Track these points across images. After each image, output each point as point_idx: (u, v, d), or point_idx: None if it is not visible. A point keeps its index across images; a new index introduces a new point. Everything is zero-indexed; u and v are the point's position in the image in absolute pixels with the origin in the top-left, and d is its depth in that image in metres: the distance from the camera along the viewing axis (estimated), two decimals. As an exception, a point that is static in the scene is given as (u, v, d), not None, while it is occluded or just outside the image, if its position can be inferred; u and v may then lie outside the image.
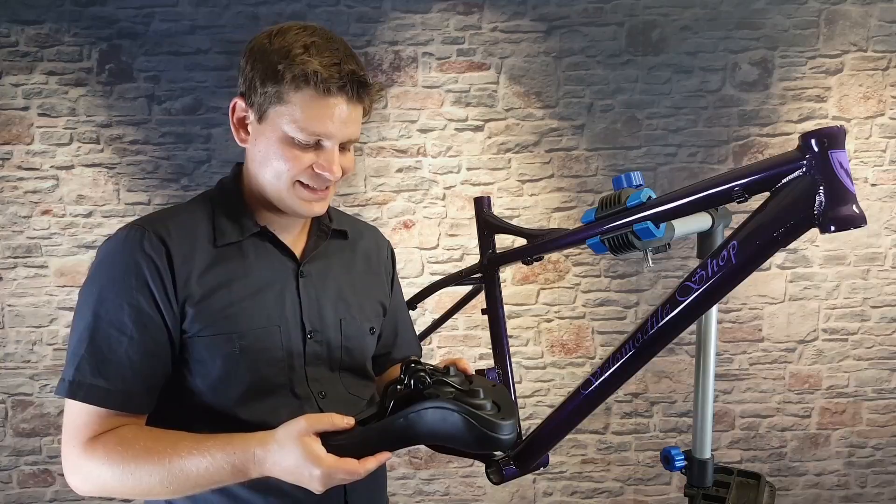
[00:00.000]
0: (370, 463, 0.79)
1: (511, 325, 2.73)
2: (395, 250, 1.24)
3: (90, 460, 0.85)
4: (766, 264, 2.71)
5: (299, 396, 0.94)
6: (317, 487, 0.79)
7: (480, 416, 0.75)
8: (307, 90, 0.85)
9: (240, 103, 0.92)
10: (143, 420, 0.91)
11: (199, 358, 0.90)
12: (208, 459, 0.82)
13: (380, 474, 1.09)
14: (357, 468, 0.78)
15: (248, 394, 0.91)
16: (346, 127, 0.89)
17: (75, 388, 0.86)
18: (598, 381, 0.83)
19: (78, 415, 0.87)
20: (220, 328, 0.90)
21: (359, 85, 0.88)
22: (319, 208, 0.96)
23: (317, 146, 0.89)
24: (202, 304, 0.89)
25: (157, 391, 0.91)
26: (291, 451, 0.78)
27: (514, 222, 2.59)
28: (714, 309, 0.91)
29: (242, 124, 0.94)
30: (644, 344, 0.77)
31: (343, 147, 0.92)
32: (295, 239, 1.02)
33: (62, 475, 2.78)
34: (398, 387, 0.82)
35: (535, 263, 1.08)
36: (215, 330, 0.89)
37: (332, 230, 1.06)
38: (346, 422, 0.81)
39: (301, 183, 0.92)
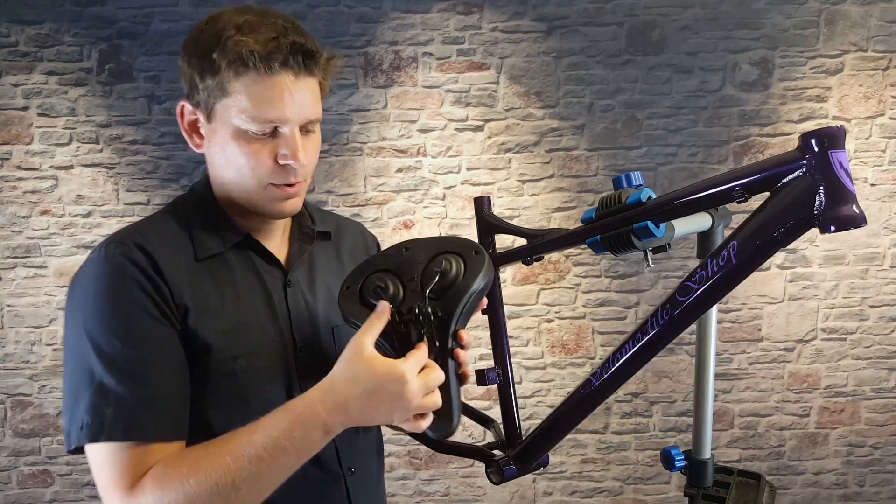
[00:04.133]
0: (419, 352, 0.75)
1: (511, 326, 2.73)
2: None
3: (146, 500, 0.73)
4: (765, 264, 2.71)
5: None
6: (412, 405, 0.72)
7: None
8: (248, 74, 0.77)
9: (187, 106, 0.85)
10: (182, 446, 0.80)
11: (199, 380, 0.82)
12: (271, 434, 0.73)
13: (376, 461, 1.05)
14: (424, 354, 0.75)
15: (249, 415, 0.80)
16: (301, 107, 0.81)
17: (113, 427, 0.74)
18: (598, 382, 0.83)
19: (115, 459, 0.74)
20: (218, 350, 0.82)
21: (304, 55, 0.79)
22: (293, 206, 0.88)
23: (275, 134, 0.81)
24: (197, 324, 0.82)
25: (188, 408, 0.82)
26: (362, 376, 0.72)
27: (514, 222, 2.59)
28: (714, 309, 0.91)
29: (194, 128, 0.86)
30: (644, 344, 0.77)
31: (305, 130, 0.84)
32: (278, 245, 0.94)
33: (61, 476, 2.77)
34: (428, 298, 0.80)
35: (535, 263, 1.08)
36: (214, 352, 0.82)
37: (317, 232, 0.99)
38: (384, 314, 0.77)
39: (273, 184, 0.84)
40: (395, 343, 0.79)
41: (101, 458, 0.75)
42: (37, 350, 2.73)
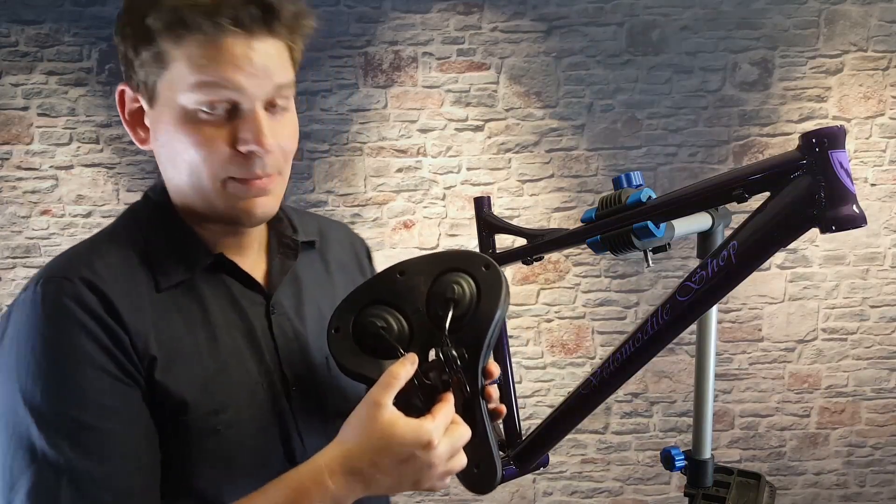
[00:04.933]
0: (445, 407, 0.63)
1: (511, 325, 2.73)
2: (395, 250, 1.21)
3: None
4: (765, 264, 2.71)
5: (297, 463, 0.72)
6: (437, 472, 0.63)
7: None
8: (191, 37, 0.61)
9: (127, 91, 0.69)
10: None
11: (175, 443, 0.68)
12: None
13: None
14: (458, 424, 0.64)
15: (241, 477, 0.69)
16: (263, 75, 0.63)
17: None
18: (598, 381, 0.83)
19: None
20: (196, 406, 0.67)
21: (263, 8, 0.62)
22: (264, 208, 0.70)
23: (232, 115, 0.64)
24: (167, 377, 0.66)
25: (158, 485, 0.66)
26: (384, 443, 0.61)
27: (514, 222, 2.59)
28: (714, 309, 0.91)
29: (138, 119, 0.70)
30: (644, 344, 0.77)
31: (273, 107, 0.67)
32: (254, 262, 0.77)
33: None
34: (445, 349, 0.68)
35: (535, 263, 1.07)
36: (191, 408, 0.67)
37: (301, 243, 0.81)
38: (409, 366, 0.64)
39: (233, 179, 0.66)
40: (413, 393, 0.66)
41: None
42: (37, 350, 2.73)
